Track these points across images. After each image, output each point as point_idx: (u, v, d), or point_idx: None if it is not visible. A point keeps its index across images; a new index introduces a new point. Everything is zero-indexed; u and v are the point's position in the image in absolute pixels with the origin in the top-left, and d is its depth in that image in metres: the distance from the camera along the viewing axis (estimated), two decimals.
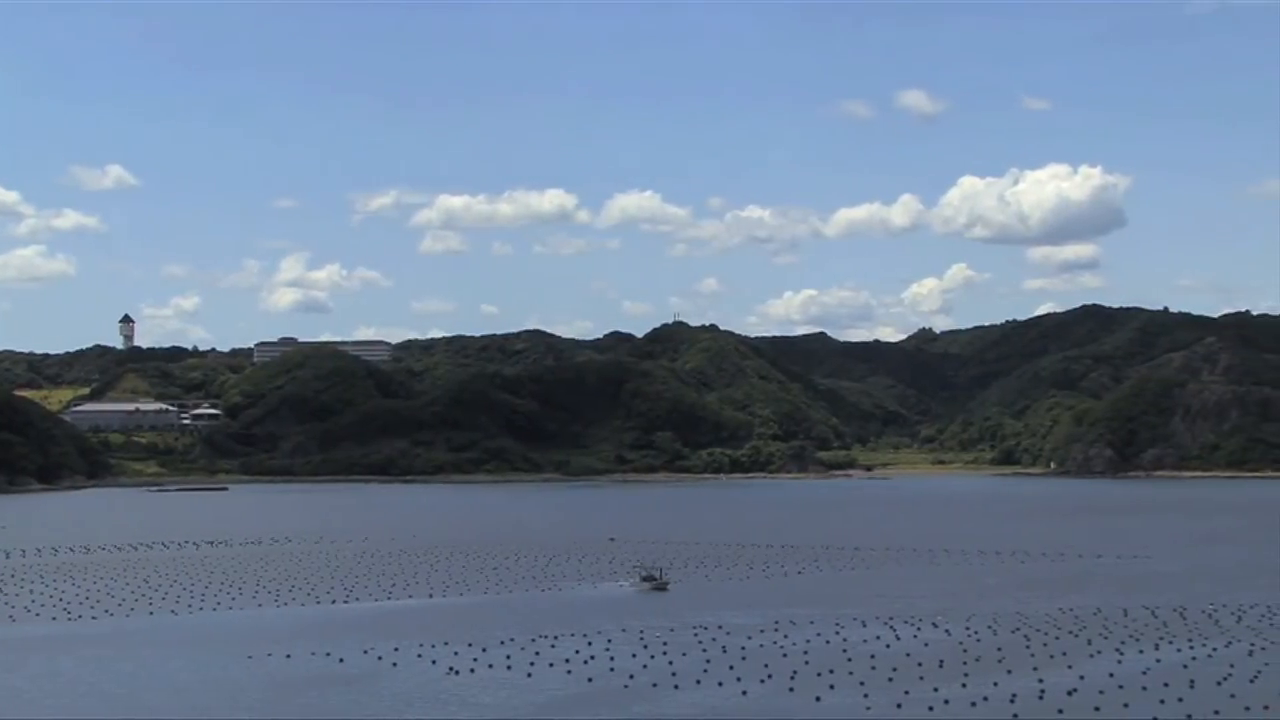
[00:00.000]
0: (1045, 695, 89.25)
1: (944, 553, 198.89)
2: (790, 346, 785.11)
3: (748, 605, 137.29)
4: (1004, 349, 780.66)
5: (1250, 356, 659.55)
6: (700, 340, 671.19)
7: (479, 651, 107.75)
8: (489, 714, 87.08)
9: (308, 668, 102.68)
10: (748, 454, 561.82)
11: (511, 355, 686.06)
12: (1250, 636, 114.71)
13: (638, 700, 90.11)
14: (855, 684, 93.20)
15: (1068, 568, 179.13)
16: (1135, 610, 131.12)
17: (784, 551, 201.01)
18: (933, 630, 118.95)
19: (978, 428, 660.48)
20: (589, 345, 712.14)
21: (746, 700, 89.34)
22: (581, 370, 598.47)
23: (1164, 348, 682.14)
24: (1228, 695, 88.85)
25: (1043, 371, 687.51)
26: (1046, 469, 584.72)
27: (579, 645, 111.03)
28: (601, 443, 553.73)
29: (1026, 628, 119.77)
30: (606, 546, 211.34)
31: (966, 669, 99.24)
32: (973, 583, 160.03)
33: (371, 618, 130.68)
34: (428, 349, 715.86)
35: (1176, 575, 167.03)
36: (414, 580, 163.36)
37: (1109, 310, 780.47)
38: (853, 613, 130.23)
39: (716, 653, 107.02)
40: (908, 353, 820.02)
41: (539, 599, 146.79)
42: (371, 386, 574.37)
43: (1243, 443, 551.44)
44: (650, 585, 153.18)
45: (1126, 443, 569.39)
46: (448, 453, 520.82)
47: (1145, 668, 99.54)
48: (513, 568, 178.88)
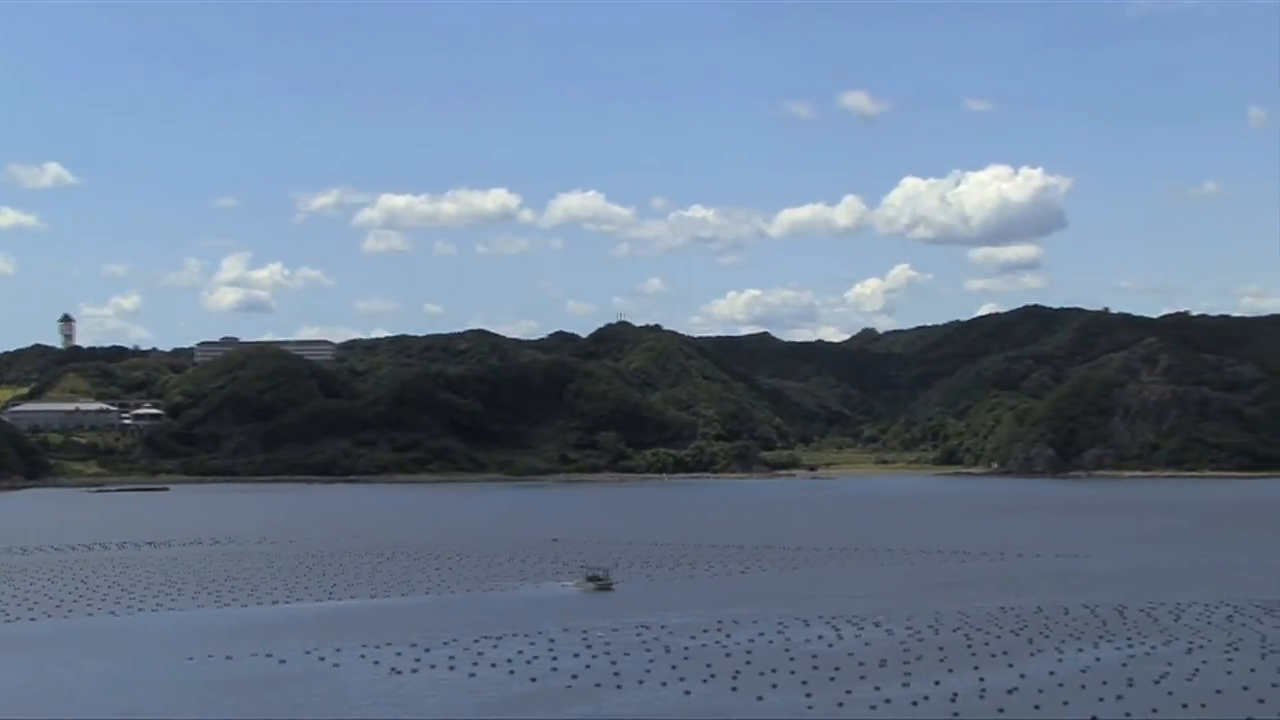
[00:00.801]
0: (986, 694, 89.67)
1: (886, 552, 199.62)
2: (734, 346, 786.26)
3: (691, 605, 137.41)
4: (946, 349, 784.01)
5: (1189, 357, 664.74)
6: (644, 340, 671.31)
7: (421, 652, 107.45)
8: (431, 714, 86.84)
9: (249, 668, 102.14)
10: (692, 454, 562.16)
11: (455, 355, 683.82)
12: (1188, 635, 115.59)
13: (580, 700, 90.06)
14: (797, 683, 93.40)
15: (1009, 567, 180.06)
16: (1075, 609, 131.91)
17: (727, 551, 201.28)
18: (875, 629, 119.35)
19: (920, 428, 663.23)
20: (533, 345, 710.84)
21: (689, 700, 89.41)
22: (525, 370, 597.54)
23: (1104, 348, 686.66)
24: (1165, 693, 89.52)
25: (984, 372, 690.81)
26: (988, 469, 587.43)
27: (522, 645, 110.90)
28: (545, 443, 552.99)
29: (968, 627, 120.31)
30: (550, 547, 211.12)
31: (908, 668, 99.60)
32: (915, 582, 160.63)
33: (313, 618, 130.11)
34: (371, 349, 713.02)
35: (1116, 574, 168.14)
36: (356, 581, 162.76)
37: (1050, 311, 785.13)
38: (795, 612, 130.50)
39: (659, 652, 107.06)
40: (851, 353, 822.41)
41: (482, 599, 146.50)
42: (314, 386, 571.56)
43: (1181, 443, 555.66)
44: (595, 585, 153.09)
45: (1067, 442, 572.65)
46: (391, 453, 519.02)
47: (1085, 666, 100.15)
48: (456, 568, 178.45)
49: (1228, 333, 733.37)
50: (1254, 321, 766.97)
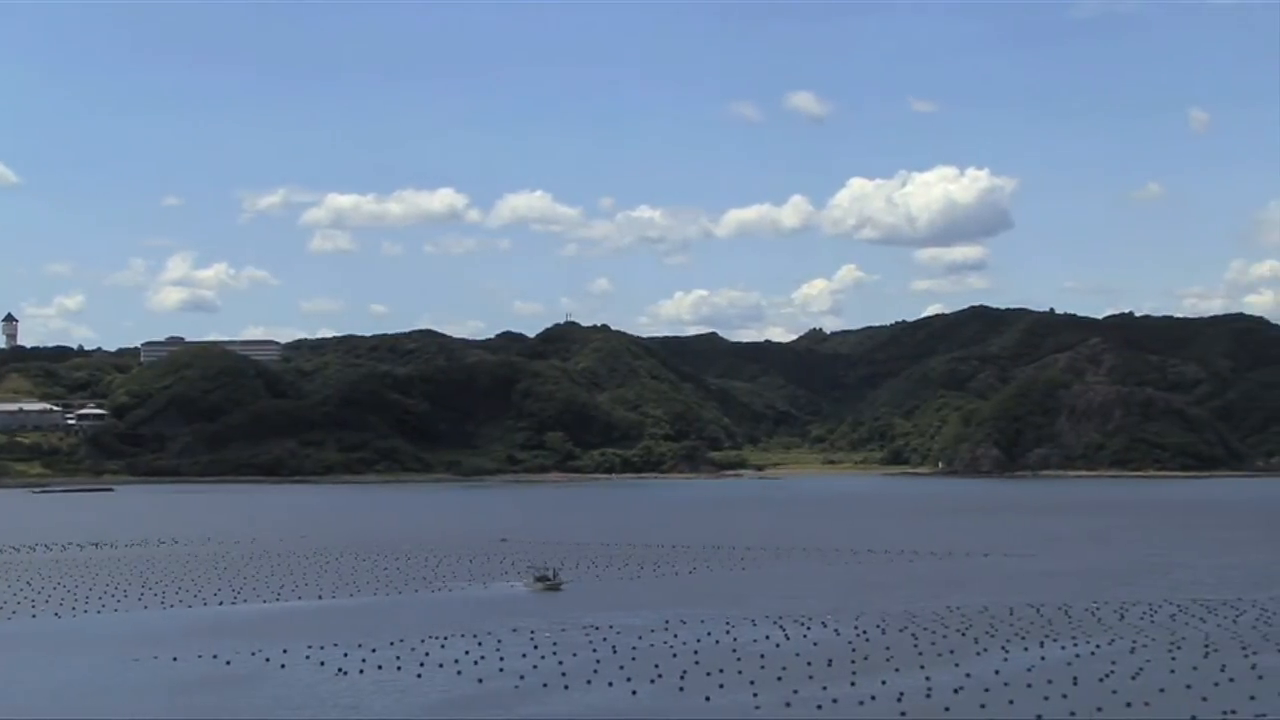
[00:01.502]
0: (932, 694, 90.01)
1: (834, 552, 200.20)
2: (682, 347, 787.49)
3: (639, 605, 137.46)
4: (893, 350, 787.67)
5: (1134, 357, 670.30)
6: (592, 340, 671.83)
7: (368, 652, 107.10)
8: (377, 715, 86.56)
9: (194, 670, 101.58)
10: (639, 454, 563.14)
11: (403, 355, 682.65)
12: (1132, 634, 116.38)
13: (527, 701, 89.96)
14: (745, 683, 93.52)
15: (955, 567, 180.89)
16: (1021, 609, 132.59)
17: (675, 552, 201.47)
18: (822, 629, 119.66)
19: (867, 428, 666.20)
20: (480, 345, 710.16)
21: (636, 700, 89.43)
22: (473, 370, 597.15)
23: (1050, 348, 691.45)
24: (1109, 692, 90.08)
25: (931, 372, 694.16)
26: (935, 469, 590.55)
27: (469, 646, 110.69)
28: (493, 443, 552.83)
29: (915, 626, 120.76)
30: (498, 547, 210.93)
31: (855, 668, 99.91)
32: (862, 582, 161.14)
33: (259, 619, 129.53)
34: (318, 349, 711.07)
35: (1061, 574, 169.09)
36: (303, 581, 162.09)
37: (996, 311, 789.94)
38: (743, 612, 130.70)
39: (607, 653, 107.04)
40: (798, 353, 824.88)
41: (430, 600, 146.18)
42: (261, 386, 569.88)
43: (1126, 442, 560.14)
44: (544, 585, 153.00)
45: (1013, 443, 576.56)
46: (338, 453, 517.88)
47: (1030, 665, 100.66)
48: (403, 568, 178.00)
49: (1171, 333, 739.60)
50: (1196, 322, 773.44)
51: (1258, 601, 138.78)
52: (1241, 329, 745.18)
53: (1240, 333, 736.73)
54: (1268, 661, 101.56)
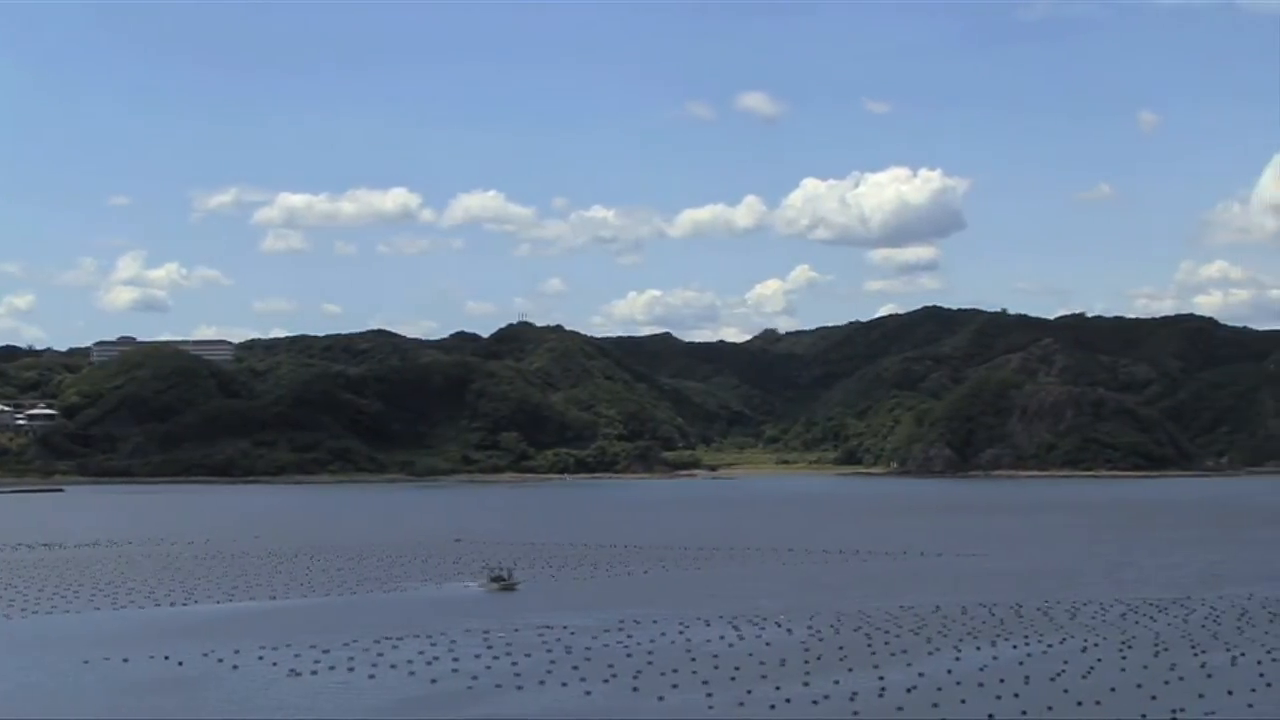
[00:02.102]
0: (885, 693, 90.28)
1: (787, 552, 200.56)
2: (635, 347, 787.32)
3: (593, 605, 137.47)
4: (847, 350, 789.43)
5: (1085, 358, 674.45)
6: (546, 340, 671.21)
7: (321, 653, 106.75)
8: (330, 716, 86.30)
9: (146, 671, 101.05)
10: (593, 454, 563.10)
11: (356, 355, 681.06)
12: (1083, 633, 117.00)
13: (481, 701, 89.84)
14: (698, 683, 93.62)
15: (908, 566, 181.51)
16: (973, 608, 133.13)
17: (629, 552, 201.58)
18: (775, 629, 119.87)
19: (821, 428, 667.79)
20: (434, 345, 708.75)
21: (590, 700, 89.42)
22: (427, 370, 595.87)
23: (1002, 349, 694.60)
24: (1061, 691, 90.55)
25: (884, 372, 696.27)
26: (888, 469, 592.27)
27: (423, 646, 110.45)
28: (447, 443, 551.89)
29: (868, 626, 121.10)
30: (453, 547, 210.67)
31: (808, 667, 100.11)
32: (815, 582, 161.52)
33: (212, 620, 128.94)
34: (270, 349, 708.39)
35: (1013, 573, 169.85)
36: (256, 582, 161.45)
37: (949, 312, 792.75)
38: (697, 612, 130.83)
39: (561, 653, 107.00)
40: (752, 353, 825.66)
41: (383, 600, 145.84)
42: (213, 386, 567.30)
43: (1077, 442, 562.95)
44: (499, 585, 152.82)
45: (965, 443, 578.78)
46: (291, 453, 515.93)
47: (983, 664, 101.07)
48: (357, 569, 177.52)
49: (1122, 334, 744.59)
50: (1147, 323, 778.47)
51: (1207, 600, 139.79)
52: (1192, 329, 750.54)
53: (1190, 333, 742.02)
54: (1217, 660, 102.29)
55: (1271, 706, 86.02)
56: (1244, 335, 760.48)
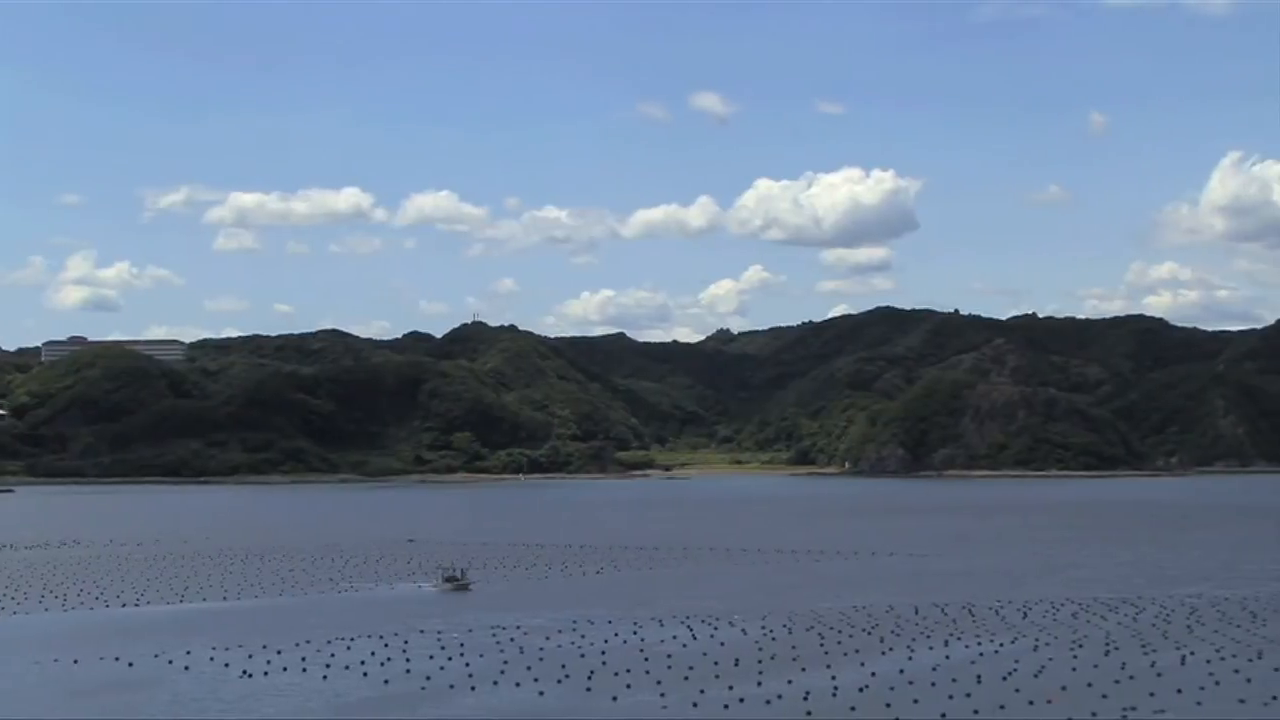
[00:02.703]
0: (839, 692, 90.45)
1: (741, 552, 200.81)
2: (589, 347, 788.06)
3: (547, 605, 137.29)
4: (800, 350, 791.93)
5: (1037, 358, 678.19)
6: (499, 341, 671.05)
7: (273, 654, 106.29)
8: (282, 717, 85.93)
9: (96, 672, 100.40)
10: (547, 454, 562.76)
11: (308, 355, 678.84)
12: (1035, 632, 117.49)
13: (434, 702, 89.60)
14: (652, 683, 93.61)
15: (861, 566, 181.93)
16: (926, 608, 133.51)
17: (583, 552, 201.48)
18: (729, 629, 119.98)
19: (774, 428, 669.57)
20: (387, 345, 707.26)
21: (543, 701, 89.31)
22: (379, 370, 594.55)
23: (954, 349, 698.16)
24: (1013, 690, 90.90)
25: (838, 373, 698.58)
26: (841, 469, 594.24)
27: (376, 647, 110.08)
28: (400, 443, 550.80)
29: (821, 626, 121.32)
30: (406, 547, 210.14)
31: (762, 667, 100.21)
32: (768, 582, 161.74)
33: (163, 621, 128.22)
34: (222, 348, 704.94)
35: (965, 573, 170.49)
36: (207, 583, 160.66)
37: (902, 312, 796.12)
38: (650, 612, 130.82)
39: (514, 653, 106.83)
40: (706, 353, 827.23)
41: (336, 600, 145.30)
42: (164, 386, 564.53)
43: (1029, 442, 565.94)
44: (452, 586, 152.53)
45: (918, 443, 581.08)
46: (243, 453, 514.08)
47: (935, 664, 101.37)
48: (309, 569, 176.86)
49: (1073, 334, 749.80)
50: (1098, 323, 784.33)
51: (1157, 600, 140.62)
52: (1142, 330, 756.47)
53: (1141, 333, 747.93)
54: (1167, 659, 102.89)
55: (1221, 705, 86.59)
56: (1193, 336, 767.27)
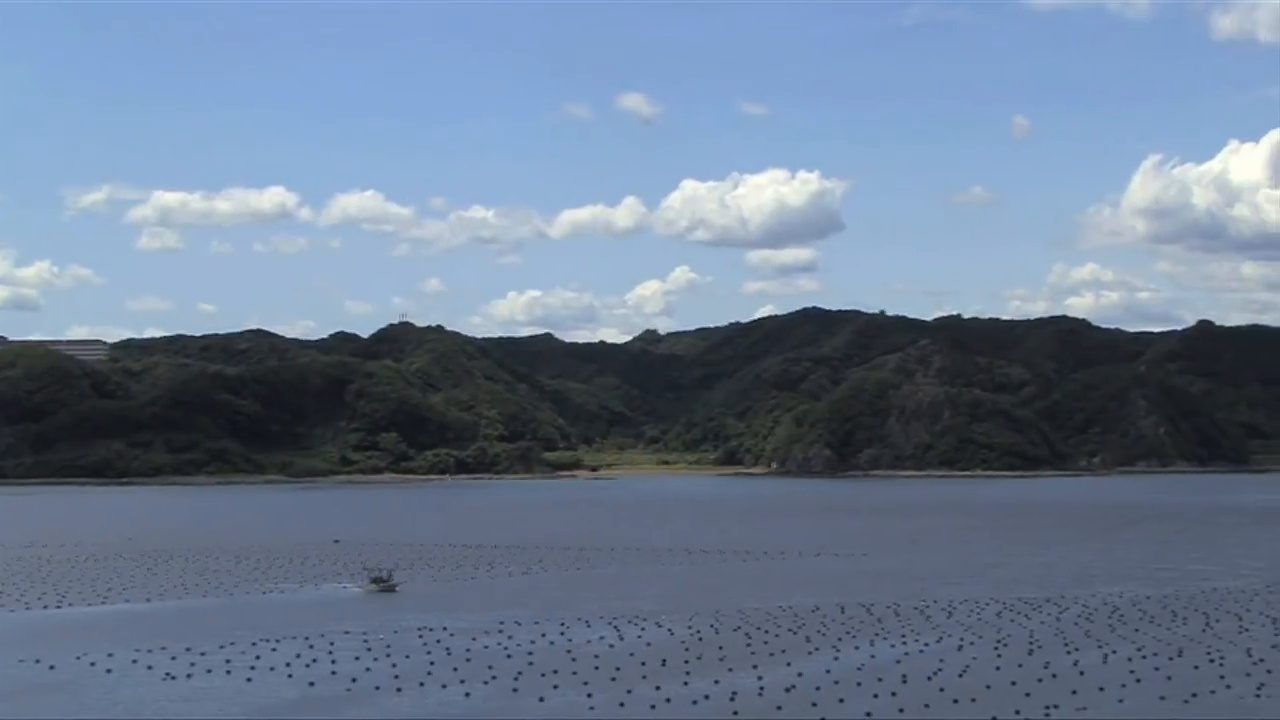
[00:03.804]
0: (765, 692, 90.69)
1: (668, 552, 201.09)
2: (516, 347, 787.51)
3: (473, 606, 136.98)
4: (727, 351, 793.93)
5: (961, 358, 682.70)
6: (426, 341, 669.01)
7: (197, 656, 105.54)
8: (206, 718, 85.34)
9: (16, 675, 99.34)
10: (474, 455, 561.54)
11: (234, 355, 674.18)
12: (960, 631, 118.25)
13: (359, 703, 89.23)
14: (579, 684, 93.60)
15: (787, 566, 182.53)
16: (852, 607, 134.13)
17: (510, 552, 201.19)
18: (656, 629, 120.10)
19: (701, 428, 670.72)
20: (313, 345, 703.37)
21: (469, 702, 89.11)
22: (305, 371, 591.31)
23: (880, 350, 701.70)
24: (938, 689, 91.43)
25: (764, 373, 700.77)
26: (768, 469, 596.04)
27: (301, 649, 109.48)
28: (326, 444, 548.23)
29: (747, 625, 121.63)
30: (331, 548, 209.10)
31: (689, 667, 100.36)
32: (695, 582, 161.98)
33: (85, 623, 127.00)
34: (146, 348, 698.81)
35: (891, 573, 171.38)
36: (130, 584, 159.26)
37: (828, 313, 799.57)
38: (577, 613, 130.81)
39: (440, 654, 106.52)
40: (633, 354, 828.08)
41: (261, 602, 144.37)
42: (87, 386, 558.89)
43: (954, 443, 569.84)
44: (378, 587, 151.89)
45: (844, 443, 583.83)
46: (167, 454, 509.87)
47: (861, 663, 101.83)
48: (234, 570, 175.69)
49: (998, 335, 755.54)
50: (1021, 324, 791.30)
51: (1080, 598, 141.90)
52: (1065, 331, 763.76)
53: (1064, 334, 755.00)
54: (1089, 658, 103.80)
55: (1142, 703, 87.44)
56: (1116, 337, 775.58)
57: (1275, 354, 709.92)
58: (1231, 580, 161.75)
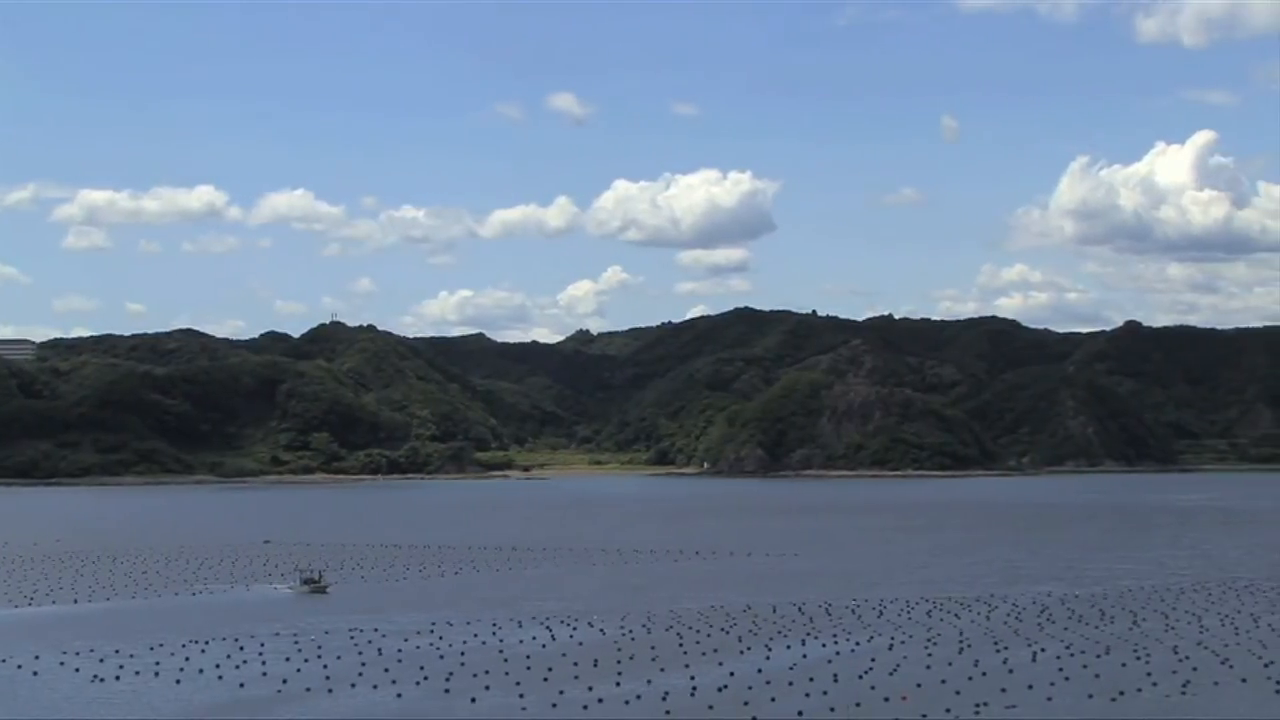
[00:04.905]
0: (697, 692, 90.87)
1: (600, 552, 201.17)
2: (448, 347, 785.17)
3: (405, 607, 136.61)
4: (659, 351, 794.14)
5: (892, 359, 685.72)
6: (358, 340, 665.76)
7: (126, 658, 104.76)
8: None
9: None
10: (406, 455, 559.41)
11: (163, 355, 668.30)
12: (890, 631, 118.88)
13: (290, 704, 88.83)
14: (511, 684, 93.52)
15: (719, 566, 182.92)
16: (784, 607, 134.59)
17: (442, 553, 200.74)
18: (588, 629, 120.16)
19: (634, 428, 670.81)
20: (244, 345, 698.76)
21: (401, 703, 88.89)
22: (236, 370, 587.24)
23: (812, 350, 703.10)
24: (868, 687, 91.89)
25: (697, 373, 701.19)
26: (700, 469, 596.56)
27: (231, 650, 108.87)
28: (256, 444, 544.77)
29: (679, 626, 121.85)
30: (262, 549, 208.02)
31: (621, 667, 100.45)
32: (627, 582, 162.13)
33: (11, 625, 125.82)
34: (74, 348, 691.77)
35: (822, 573, 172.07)
36: (58, 586, 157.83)
37: (760, 313, 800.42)
38: (509, 613, 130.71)
39: (372, 655, 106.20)
40: (565, 354, 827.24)
41: (191, 603, 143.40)
42: (14, 386, 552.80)
43: (885, 442, 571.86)
44: (309, 588, 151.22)
45: (776, 443, 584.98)
46: (95, 454, 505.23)
47: (792, 663, 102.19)
48: (163, 571, 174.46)
49: (928, 336, 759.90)
50: (952, 325, 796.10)
51: (1009, 597, 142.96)
52: (995, 331, 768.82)
53: (993, 335, 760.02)
54: (1018, 656, 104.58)
55: (1070, 701, 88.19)
56: (1044, 337, 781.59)
57: (1202, 354, 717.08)
58: (1158, 579, 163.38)
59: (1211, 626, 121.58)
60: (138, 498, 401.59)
